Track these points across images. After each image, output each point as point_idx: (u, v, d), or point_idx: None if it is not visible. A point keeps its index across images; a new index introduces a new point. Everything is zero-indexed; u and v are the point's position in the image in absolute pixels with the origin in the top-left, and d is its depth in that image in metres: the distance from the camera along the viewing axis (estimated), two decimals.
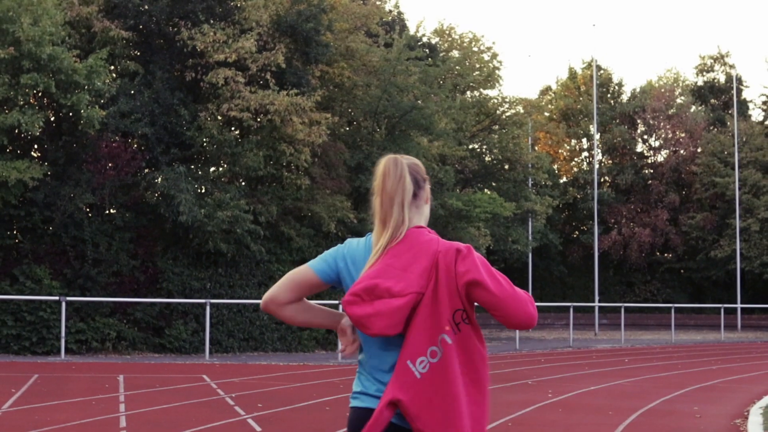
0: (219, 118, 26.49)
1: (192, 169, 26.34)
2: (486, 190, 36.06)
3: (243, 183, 28.24)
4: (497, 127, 41.58)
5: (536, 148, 51.73)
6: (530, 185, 44.67)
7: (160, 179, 24.99)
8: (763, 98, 57.67)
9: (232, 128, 27.13)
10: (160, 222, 25.78)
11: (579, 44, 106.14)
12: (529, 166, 41.57)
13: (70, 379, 17.45)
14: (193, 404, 13.62)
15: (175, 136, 26.33)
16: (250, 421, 11.88)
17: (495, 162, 41.57)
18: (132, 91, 25.94)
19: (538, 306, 3.54)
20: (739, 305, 47.12)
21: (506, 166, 41.41)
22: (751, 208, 50.70)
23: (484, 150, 42.06)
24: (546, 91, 61.78)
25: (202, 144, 26.29)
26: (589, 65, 58.50)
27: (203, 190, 26.05)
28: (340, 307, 5.54)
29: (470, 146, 40.30)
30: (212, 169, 27.49)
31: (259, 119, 26.60)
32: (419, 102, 31.07)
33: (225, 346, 26.28)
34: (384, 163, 3.67)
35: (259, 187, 28.33)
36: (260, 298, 27.71)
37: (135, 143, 26.26)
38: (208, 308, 23.80)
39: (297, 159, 26.84)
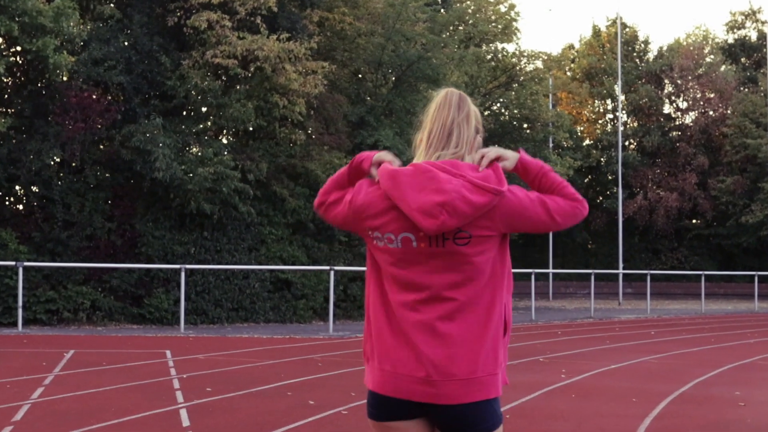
0: (204, 66, 24.02)
1: (174, 122, 23.92)
2: (502, 145, 33.31)
3: (231, 138, 25.85)
4: (515, 84, 38.95)
5: (557, 108, 49.02)
6: (551, 146, 42.01)
7: (137, 133, 22.57)
8: None
9: (219, 77, 24.62)
10: (138, 180, 23.45)
11: (603, 1, 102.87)
12: (549, 125, 39.03)
13: (11, 355, 15.15)
14: (129, 388, 11.28)
15: (154, 86, 23.96)
16: (182, 411, 9.52)
17: (512, 120, 38.93)
18: (107, 37, 23.49)
19: (559, 274, 1.44)
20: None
21: (524, 125, 38.82)
22: None
23: (500, 109, 39.45)
24: (568, 49, 58.99)
25: (185, 95, 23.85)
26: (614, 22, 55.99)
27: (184, 145, 23.63)
28: None
29: (486, 104, 37.76)
30: (197, 122, 24.97)
31: (248, 68, 24.13)
32: (427, 52, 28.44)
33: (212, 317, 23.98)
34: (446, 93, 3.42)
35: (250, 142, 25.94)
36: (251, 264, 25.52)
37: (109, 94, 23.85)
38: (183, 274, 21.39)
39: (291, 111, 24.46)
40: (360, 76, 29.83)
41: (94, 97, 22.78)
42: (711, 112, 53.44)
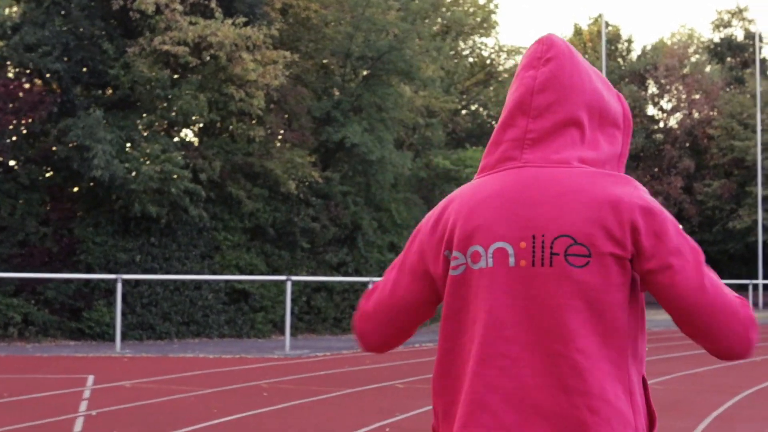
0: (151, 54, 21.68)
1: (117, 115, 21.57)
2: (480, 147, 31.23)
3: (181, 133, 23.55)
4: (494, 81, 36.81)
5: None
6: None
7: (75, 128, 20.19)
8: None
9: (168, 66, 22.27)
10: (76, 180, 21.14)
11: (584, 2, 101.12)
12: None
13: None
14: None
15: (96, 75, 21.65)
16: None
17: (491, 120, 36.81)
18: (42, 20, 21.10)
19: None
20: (761, 281, 42.40)
21: None
22: None
23: (478, 108, 37.32)
24: None
25: (130, 85, 21.51)
26: (596, 21, 53.99)
27: (128, 141, 21.28)
28: None
29: (463, 103, 35.62)
30: (143, 115, 22.56)
31: (200, 56, 21.84)
32: (400, 43, 26.15)
33: (159, 332, 21.64)
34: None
35: (205, 139, 23.67)
36: (203, 273, 23.13)
37: (44, 83, 21.49)
38: (119, 285, 18.91)
39: (248, 105, 22.18)
40: (327, 68, 27.53)
41: (27, 86, 20.44)
42: (696, 114, 51.49)
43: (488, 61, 36.53)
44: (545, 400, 2.17)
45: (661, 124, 53.27)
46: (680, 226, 2.26)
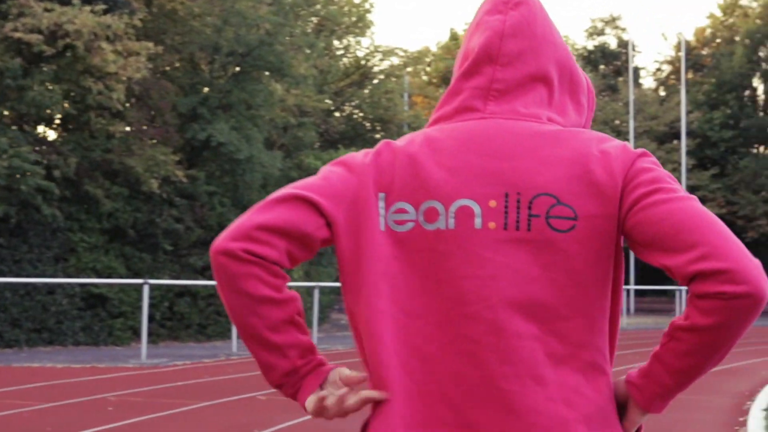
0: (2, 41, 20.21)
1: None
2: (353, 148, 30.42)
3: (35, 128, 22.11)
4: (369, 83, 36.11)
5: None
6: None
7: None
8: (656, 65, 54.02)
9: (20, 55, 20.80)
10: None
11: (461, 6, 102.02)
12: (405, 126, 36.35)
13: None
14: None
15: None
16: None
17: (365, 121, 36.11)
18: None
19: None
20: (633, 287, 42.59)
21: (378, 127, 36.02)
22: None
23: (353, 109, 36.56)
24: (425, 52, 56.80)
25: None
26: None
27: None
28: None
29: (337, 104, 34.83)
30: None
31: (56, 44, 20.45)
32: (271, 37, 25.13)
33: (7, 340, 20.13)
34: None
35: (64, 134, 22.26)
36: (57, 276, 21.68)
37: None
38: None
39: (108, 99, 20.83)
40: (195, 63, 26.33)
41: None
42: None
43: (363, 62, 35.76)
44: (515, 392, 1.83)
45: None
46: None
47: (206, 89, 25.58)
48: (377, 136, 36.30)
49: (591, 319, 1.88)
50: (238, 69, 25.94)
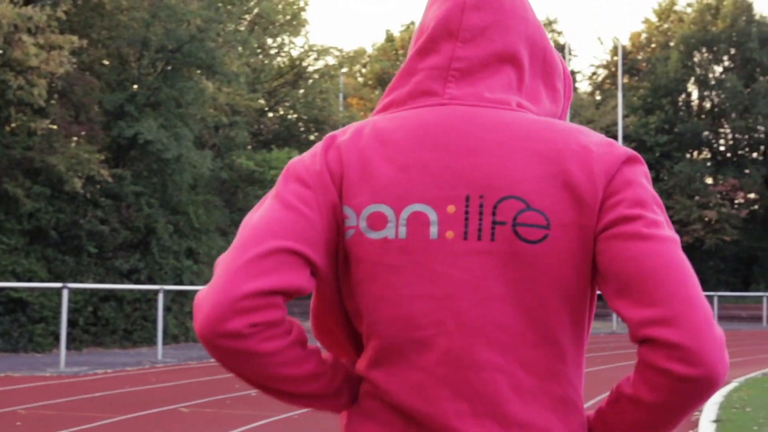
0: None
1: None
2: (286, 149, 29.76)
3: None
4: (304, 83, 35.55)
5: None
6: None
7: None
8: (592, 69, 54.24)
9: None
10: None
11: (397, 8, 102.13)
12: (341, 127, 35.77)
13: None
14: None
15: None
16: None
17: (299, 122, 35.55)
18: None
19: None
20: None
21: (312, 127, 35.48)
22: None
23: (287, 109, 35.99)
24: (361, 54, 56.45)
25: None
26: (408, 28, 53.82)
27: None
28: None
29: (270, 104, 34.22)
30: None
31: None
32: (201, 32, 24.40)
33: None
34: None
35: None
36: None
37: None
38: None
39: (29, 94, 19.97)
40: (123, 58, 25.49)
41: None
42: None
43: (297, 61, 35.18)
44: None
45: None
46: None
47: (135, 86, 24.79)
48: (312, 137, 35.85)
49: (563, 345, 1.66)
50: (169, 67, 25.17)
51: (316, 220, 1.63)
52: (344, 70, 40.58)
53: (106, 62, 25.16)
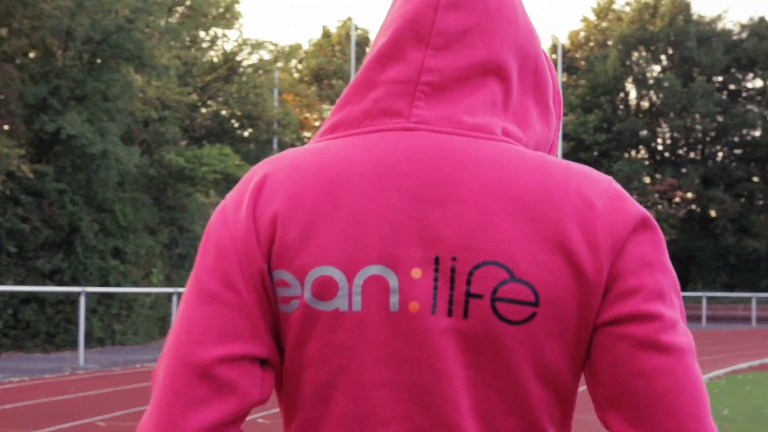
0: None
1: None
2: (218, 145, 28.88)
3: None
4: (237, 78, 34.73)
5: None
6: (276, 146, 38.17)
7: None
8: None
9: None
10: None
11: (333, 4, 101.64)
12: (275, 123, 35.13)
13: None
14: None
15: None
16: None
17: (232, 118, 34.75)
18: None
19: None
20: None
21: (246, 123, 34.73)
22: None
23: (220, 105, 35.16)
24: (297, 49, 55.88)
25: None
26: (345, 24, 53.24)
27: None
28: None
29: (203, 100, 33.37)
30: None
31: None
32: (129, 23, 23.49)
33: None
34: None
35: None
36: None
37: None
38: None
39: None
40: (47, 49, 24.48)
41: None
42: None
43: (231, 56, 34.34)
44: None
45: None
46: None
47: (58, 78, 23.81)
48: (245, 133, 35.05)
49: None
50: (92, 56, 24.21)
51: (246, 299, 1.30)
52: (279, 65, 39.76)
53: (32, 55, 24.16)
